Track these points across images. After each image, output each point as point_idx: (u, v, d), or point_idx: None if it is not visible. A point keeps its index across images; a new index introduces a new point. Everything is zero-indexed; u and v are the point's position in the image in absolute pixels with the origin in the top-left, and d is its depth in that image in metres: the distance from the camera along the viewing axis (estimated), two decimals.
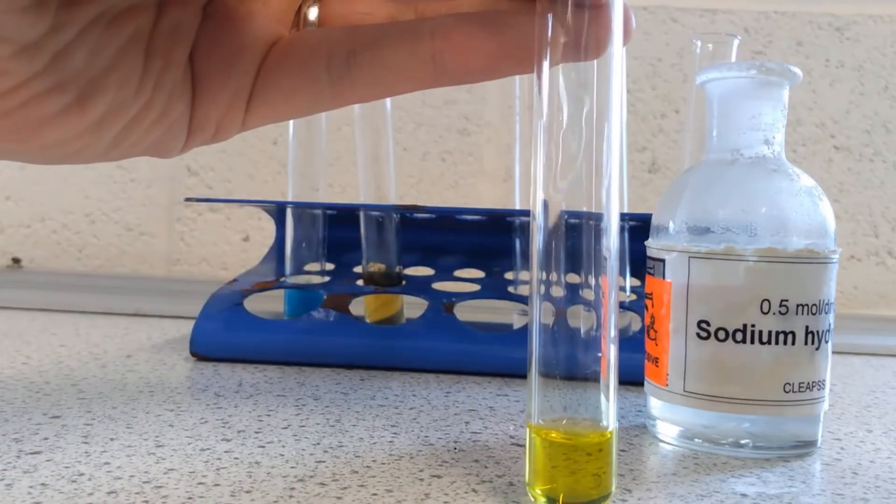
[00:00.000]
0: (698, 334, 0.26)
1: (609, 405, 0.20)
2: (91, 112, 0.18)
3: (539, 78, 0.19)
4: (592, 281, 0.20)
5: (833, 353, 0.27)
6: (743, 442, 0.27)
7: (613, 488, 0.20)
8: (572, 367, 0.20)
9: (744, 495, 0.23)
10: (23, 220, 0.70)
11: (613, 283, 0.20)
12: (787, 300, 0.26)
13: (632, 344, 0.36)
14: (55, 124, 0.18)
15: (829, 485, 0.24)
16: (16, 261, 0.70)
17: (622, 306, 0.39)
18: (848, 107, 0.64)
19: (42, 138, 0.18)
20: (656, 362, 0.28)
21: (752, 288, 0.26)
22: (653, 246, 0.28)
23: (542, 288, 0.20)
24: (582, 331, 0.20)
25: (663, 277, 0.27)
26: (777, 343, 0.26)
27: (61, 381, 0.34)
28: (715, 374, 0.26)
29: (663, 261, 0.27)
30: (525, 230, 0.44)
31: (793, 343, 0.26)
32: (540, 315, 0.20)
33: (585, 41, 0.19)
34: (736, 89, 0.28)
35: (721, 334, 0.26)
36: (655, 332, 0.28)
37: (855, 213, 0.64)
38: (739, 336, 0.26)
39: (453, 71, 0.20)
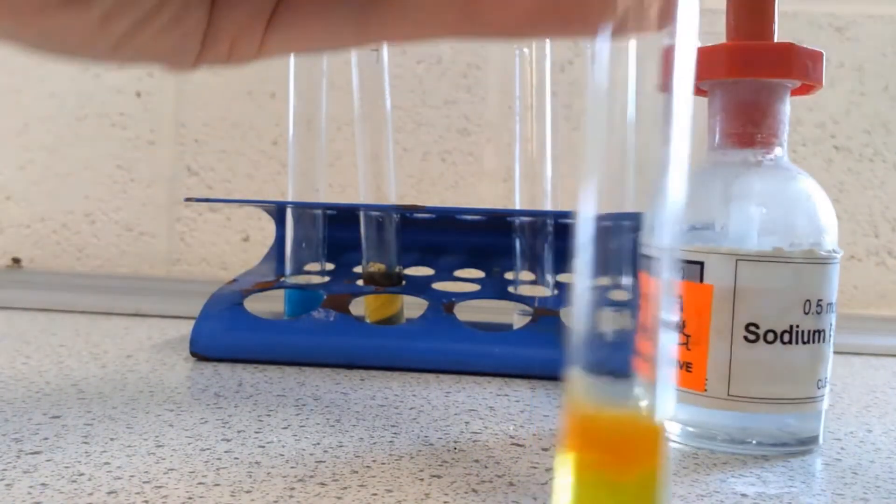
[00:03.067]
0: (746, 337, 0.26)
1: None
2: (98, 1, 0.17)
3: (594, 49, 0.16)
4: (630, 280, 0.19)
5: (833, 352, 0.28)
6: (783, 440, 0.27)
7: None
8: (608, 369, 0.19)
9: (744, 495, 0.23)
10: (23, 220, 0.70)
11: (658, 283, 0.18)
12: (822, 300, 0.27)
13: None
14: (58, 10, 0.17)
15: (829, 485, 0.24)
16: (16, 261, 0.70)
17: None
18: (848, 107, 0.64)
19: (43, 22, 0.17)
20: (689, 368, 0.27)
21: (797, 289, 0.26)
22: (687, 248, 0.28)
23: (582, 286, 0.19)
24: (619, 330, 0.19)
25: (701, 280, 0.27)
26: (814, 342, 0.27)
27: (61, 381, 0.34)
28: (764, 376, 0.26)
29: (702, 263, 0.27)
30: (525, 230, 0.44)
31: (823, 341, 0.27)
32: (580, 314, 0.19)
33: (651, 8, 0.16)
34: (736, 89, 0.28)
35: (770, 336, 0.26)
36: (688, 336, 0.28)
37: (855, 213, 0.64)
38: (786, 337, 0.26)
39: (488, 21, 0.18)
